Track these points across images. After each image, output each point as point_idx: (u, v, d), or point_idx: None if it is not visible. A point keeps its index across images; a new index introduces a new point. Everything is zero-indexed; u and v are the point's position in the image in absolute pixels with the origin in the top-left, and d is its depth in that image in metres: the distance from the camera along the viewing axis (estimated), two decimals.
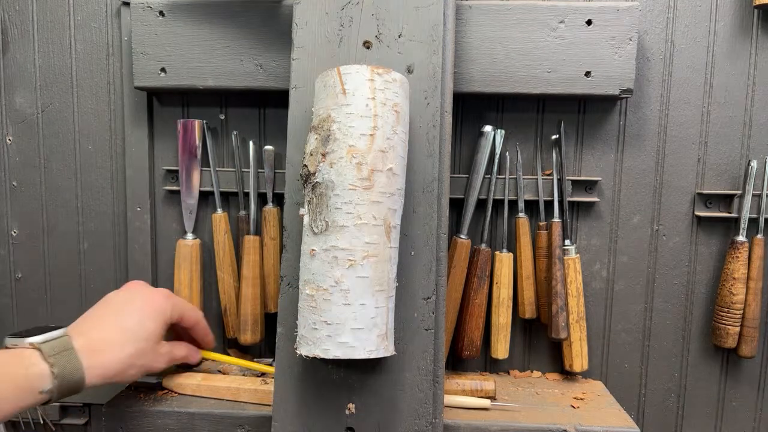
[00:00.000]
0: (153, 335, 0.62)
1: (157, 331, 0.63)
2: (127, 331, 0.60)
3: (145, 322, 0.62)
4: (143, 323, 0.62)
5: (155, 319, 0.63)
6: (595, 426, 0.67)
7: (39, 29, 0.83)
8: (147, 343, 0.61)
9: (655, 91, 0.78)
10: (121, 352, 0.59)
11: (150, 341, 0.62)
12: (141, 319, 0.62)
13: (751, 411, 0.82)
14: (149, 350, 0.62)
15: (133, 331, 0.61)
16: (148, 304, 0.64)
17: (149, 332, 0.62)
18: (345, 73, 0.53)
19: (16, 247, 0.86)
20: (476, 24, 0.73)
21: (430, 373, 0.61)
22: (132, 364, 0.60)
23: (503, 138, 0.78)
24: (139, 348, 0.60)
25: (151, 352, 0.62)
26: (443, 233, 0.63)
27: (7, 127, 0.85)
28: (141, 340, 0.61)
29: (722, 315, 0.77)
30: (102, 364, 0.57)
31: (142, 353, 0.61)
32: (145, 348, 0.61)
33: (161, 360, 0.65)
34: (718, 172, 0.79)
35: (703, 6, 0.77)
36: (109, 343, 0.59)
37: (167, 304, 0.65)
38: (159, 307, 0.64)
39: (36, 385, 0.53)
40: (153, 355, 0.63)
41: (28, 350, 0.54)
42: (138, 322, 0.61)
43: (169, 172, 0.82)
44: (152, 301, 0.64)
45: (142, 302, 0.64)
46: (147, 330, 0.62)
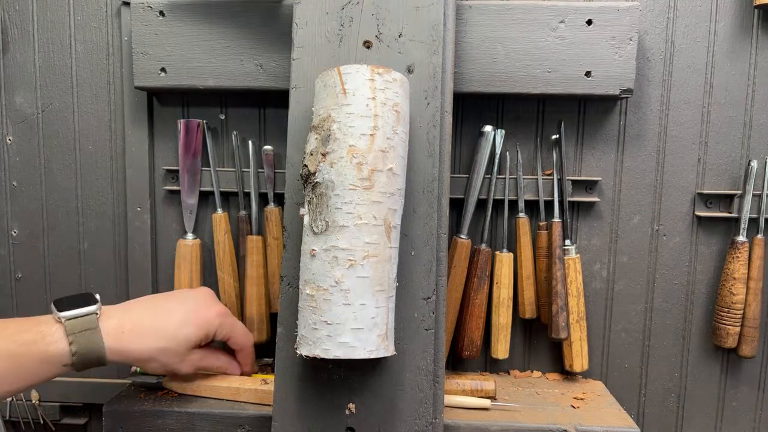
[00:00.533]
0: (186, 341, 0.63)
1: (193, 339, 0.64)
2: (162, 329, 0.62)
3: (183, 328, 0.63)
4: (181, 328, 0.63)
5: (196, 329, 0.64)
6: (595, 426, 0.67)
7: (39, 29, 0.83)
8: (177, 346, 0.63)
9: (656, 91, 0.78)
10: (145, 345, 0.60)
11: (181, 345, 0.63)
12: (181, 323, 0.63)
13: (751, 411, 0.82)
14: (177, 353, 0.63)
15: (167, 331, 0.62)
16: (195, 313, 0.65)
17: (183, 337, 0.63)
18: (345, 73, 0.53)
19: (16, 247, 0.86)
20: (476, 24, 0.73)
21: (430, 373, 0.61)
22: (154, 358, 0.62)
23: (503, 138, 0.78)
24: (167, 348, 0.62)
25: (178, 355, 0.63)
26: (443, 233, 0.63)
27: (7, 127, 0.85)
28: (171, 341, 0.62)
29: (722, 315, 0.77)
30: (124, 350, 0.59)
31: (169, 353, 0.62)
32: (173, 349, 0.62)
33: (187, 365, 0.66)
34: (719, 172, 0.79)
35: (704, 6, 0.77)
36: (138, 334, 0.60)
37: (216, 321, 0.66)
38: (205, 321, 0.65)
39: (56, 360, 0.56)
40: (180, 358, 0.64)
41: (54, 325, 0.57)
42: (177, 325, 0.63)
43: (169, 172, 0.82)
44: (202, 312, 0.65)
45: (192, 309, 0.65)
46: (182, 335, 0.63)
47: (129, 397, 0.73)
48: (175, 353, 0.63)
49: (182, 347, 0.63)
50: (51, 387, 0.86)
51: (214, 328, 0.66)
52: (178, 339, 0.62)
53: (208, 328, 0.65)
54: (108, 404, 0.71)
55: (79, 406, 0.87)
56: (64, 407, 0.87)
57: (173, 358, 0.63)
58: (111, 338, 0.58)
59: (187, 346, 0.64)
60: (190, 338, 0.64)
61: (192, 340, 0.64)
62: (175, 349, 0.63)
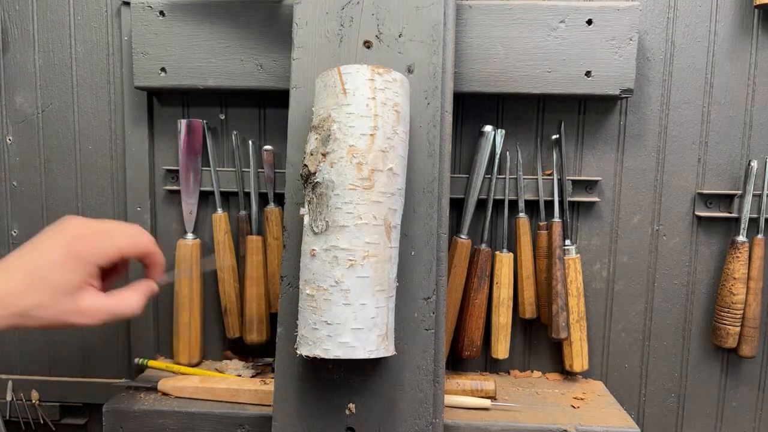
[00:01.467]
0: (61, 287, 0.52)
1: (70, 282, 0.53)
2: (28, 279, 0.52)
3: (52, 273, 0.52)
4: (49, 274, 0.52)
5: (70, 269, 0.53)
6: (596, 426, 0.67)
7: (39, 29, 0.83)
8: (52, 297, 0.52)
9: (656, 91, 0.78)
10: (14, 305, 0.51)
11: (58, 294, 0.52)
12: (48, 267, 0.52)
13: (751, 411, 0.82)
14: (56, 304, 0.52)
15: (35, 281, 0.52)
16: (61, 250, 0.53)
17: (55, 284, 0.52)
18: (345, 73, 0.53)
19: (16, 247, 0.86)
20: (476, 24, 0.73)
21: (430, 373, 0.61)
22: (29, 315, 0.51)
23: (503, 138, 0.78)
24: (39, 302, 0.51)
25: (58, 305, 0.52)
26: (443, 233, 0.63)
27: (7, 127, 0.85)
28: (43, 292, 0.52)
29: (722, 315, 0.77)
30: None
31: (44, 307, 0.52)
32: (48, 302, 0.52)
33: (84, 316, 0.54)
34: (719, 172, 0.79)
35: (704, 6, 0.77)
36: (5, 294, 0.51)
37: (93, 248, 0.54)
38: (77, 253, 0.53)
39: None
40: (63, 308, 0.52)
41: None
42: (43, 271, 0.52)
43: (169, 172, 0.82)
44: (69, 246, 0.54)
45: (58, 247, 0.54)
46: (52, 281, 0.52)
47: (129, 397, 0.73)
48: (54, 305, 0.52)
49: (60, 296, 0.52)
50: (51, 387, 0.86)
51: (95, 257, 0.54)
52: (50, 289, 0.52)
53: (86, 260, 0.53)
54: (108, 404, 0.71)
55: (79, 406, 0.87)
56: (64, 407, 0.87)
57: (54, 310, 0.52)
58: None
59: (68, 292, 0.53)
60: (68, 282, 0.53)
61: (72, 283, 0.53)
62: (52, 301, 0.52)
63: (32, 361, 0.88)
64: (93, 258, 0.54)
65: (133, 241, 0.58)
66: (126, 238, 0.58)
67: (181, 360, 0.81)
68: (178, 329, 0.81)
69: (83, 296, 0.53)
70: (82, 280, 0.53)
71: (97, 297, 0.55)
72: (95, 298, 0.54)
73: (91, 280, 0.54)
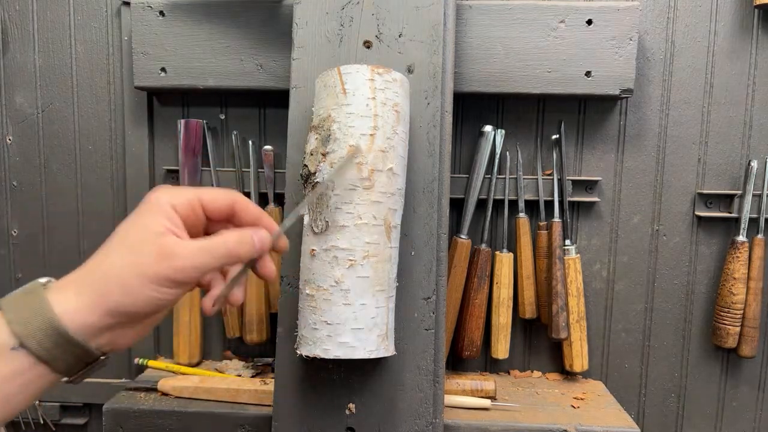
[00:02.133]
0: (136, 242, 0.42)
1: (145, 231, 0.42)
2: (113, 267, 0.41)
3: (121, 242, 0.42)
4: (118, 245, 0.42)
5: (142, 222, 0.42)
6: (595, 426, 0.67)
7: (39, 29, 0.83)
8: (130, 259, 0.41)
9: (656, 91, 0.78)
10: (96, 274, 0.41)
11: (135, 252, 0.41)
12: (117, 242, 0.42)
13: (751, 411, 0.82)
14: (136, 261, 0.41)
15: (112, 246, 0.42)
16: (127, 222, 0.43)
17: (127, 244, 0.42)
18: (345, 73, 0.53)
19: (16, 247, 0.86)
20: (476, 24, 0.73)
21: (430, 373, 0.61)
22: (120, 303, 0.41)
23: (503, 138, 0.78)
24: (118, 272, 0.41)
25: (140, 263, 0.41)
26: (443, 233, 0.63)
27: (7, 127, 0.85)
28: (119, 256, 0.41)
29: (722, 315, 0.77)
30: (78, 306, 0.40)
31: (125, 274, 0.41)
32: (128, 267, 0.41)
33: (177, 257, 0.41)
34: (719, 172, 0.79)
35: (703, 6, 0.77)
36: (83, 269, 0.42)
37: (162, 193, 0.43)
38: (148, 203, 0.43)
39: (4, 345, 0.39)
40: (147, 260, 0.41)
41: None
42: (112, 247, 0.42)
43: (169, 172, 0.82)
44: (137, 212, 0.43)
45: (124, 223, 0.43)
46: (125, 245, 0.42)
47: (129, 397, 0.73)
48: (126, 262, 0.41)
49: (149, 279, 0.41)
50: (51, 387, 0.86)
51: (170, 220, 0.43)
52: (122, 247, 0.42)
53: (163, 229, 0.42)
54: (108, 404, 0.71)
55: (79, 406, 0.87)
56: (64, 407, 0.87)
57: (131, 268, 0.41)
58: (60, 302, 0.40)
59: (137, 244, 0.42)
60: (136, 235, 0.42)
61: (139, 234, 0.42)
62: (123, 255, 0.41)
63: None
64: (166, 198, 0.43)
65: (214, 191, 0.45)
66: (204, 192, 0.45)
67: (181, 360, 0.81)
68: (178, 329, 0.81)
69: (166, 239, 0.42)
70: (161, 225, 0.42)
71: (186, 239, 0.43)
72: (183, 240, 0.42)
73: (175, 228, 0.43)
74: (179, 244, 0.41)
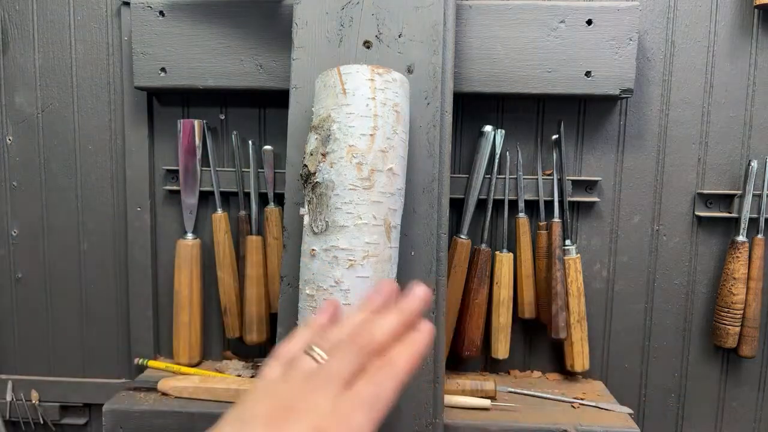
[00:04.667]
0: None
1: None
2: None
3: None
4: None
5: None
6: (595, 426, 0.67)
7: (39, 29, 0.83)
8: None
9: (656, 91, 0.78)
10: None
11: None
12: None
13: (751, 411, 0.82)
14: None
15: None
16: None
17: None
18: (345, 73, 0.53)
19: (16, 247, 0.86)
20: (476, 24, 0.73)
21: (430, 373, 0.61)
22: None
23: (503, 138, 0.77)
24: None
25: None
26: (443, 233, 0.63)
27: (7, 127, 0.85)
28: None
29: (722, 315, 0.77)
30: None
31: None
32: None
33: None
34: (719, 172, 0.79)
35: (703, 6, 0.77)
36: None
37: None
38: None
39: None
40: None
41: None
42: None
43: (169, 172, 0.82)
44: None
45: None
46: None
47: (129, 397, 0.73)
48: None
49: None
50: (51, 387, 0.86)
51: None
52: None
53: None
54: (108, 404, 0.71)
55: (79, 406, 0.87)
56: (64, 407, 0.87)
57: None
58: None
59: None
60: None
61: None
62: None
63: (32, 361, 0.88)
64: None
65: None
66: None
67: (181, 360, 0.81)
68: (178, 329, 0.81)
69: None
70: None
71: None
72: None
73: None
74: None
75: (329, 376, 0.33)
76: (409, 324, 0.38)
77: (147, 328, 0.83)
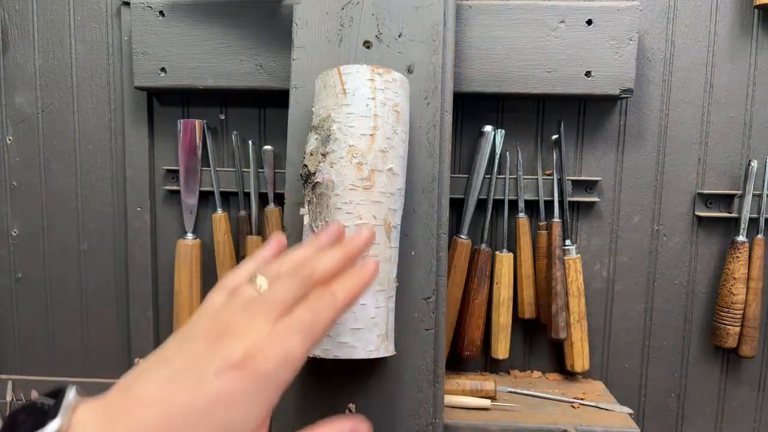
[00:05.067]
0: None
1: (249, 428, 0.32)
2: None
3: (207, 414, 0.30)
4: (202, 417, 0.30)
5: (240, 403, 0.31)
6: (595, 426, 0.67)
7: (39, 29, 0.83)
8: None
9: (656, 91, 0.78)
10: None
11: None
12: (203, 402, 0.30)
13: (751, 411, 0.82)
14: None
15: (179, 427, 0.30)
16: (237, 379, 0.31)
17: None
18: (345, 73, 0.53)
19: (16, 247, 0.86)
20: (476, 24, 0.73)
21: (430, 373, 0.61)
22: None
23: (503, 138, 0.77)
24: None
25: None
26: (443, 233, 0.63)
27: (7, 127, 0.85)
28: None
29: (722, 315, 0.77)
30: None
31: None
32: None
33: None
34: (719, 172, 0.79)
35: (703, 6, 0.77)
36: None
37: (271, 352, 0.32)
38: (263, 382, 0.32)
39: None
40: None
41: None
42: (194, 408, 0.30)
43: (169, 172, 0.82)
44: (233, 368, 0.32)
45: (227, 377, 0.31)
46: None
47: None
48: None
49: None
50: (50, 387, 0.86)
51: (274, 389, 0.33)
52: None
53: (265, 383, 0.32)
54: None
55: None
56: None
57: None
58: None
59: None
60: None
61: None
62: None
63: (32, 361, 0.88)
64: (277, 377, 0.33)
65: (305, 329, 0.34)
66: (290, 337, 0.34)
67: None
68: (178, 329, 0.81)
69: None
70: (258, 419, 0.33)
71: None
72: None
73: (267, 416, 0.34)
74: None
75: (268, 302, 0.35)
76: (352, 260, 0.41)
77: (147, 328, 0.83)
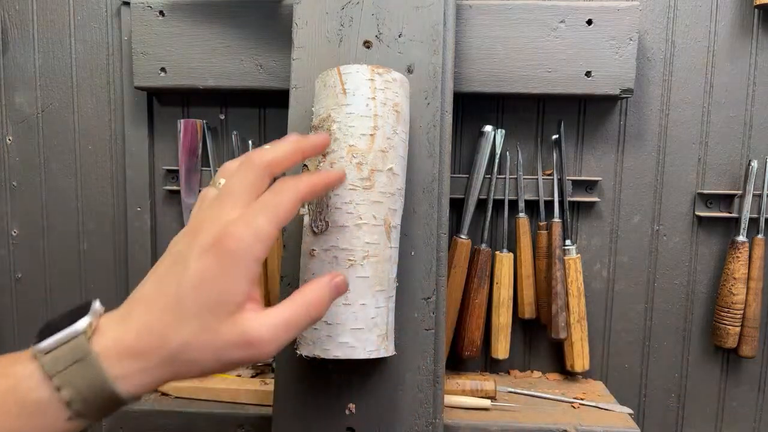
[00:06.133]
0: (213, 310, 0.36)
1: (226, 300, 0.36)
2: (168, 309, 0.36)
3: (197, 292, 0.36)
4: (193, 294, 0.36)
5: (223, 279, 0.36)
6: (595, 426, 0.67)
7: (39, 29, 0.83)
8: (203, 328, 0.36)
9: (656, 91, 0.78)
10: (158, 347, 0.35)
11: (210, 322, 0.36)
12: (191, 284, 0.36)
13: (751, 411, 0.82)
14: (211, 338, 0.36)
15: (176, 310, 0.36)
16: (204, 255, 0.36)
17: (205, 306, 0.36)
18: (345, 73, 0.53)
19: (16, 247, 0.86)
20: (476, 24, 0.73)
21: (430, 373, 0.61)
22: (178, 359, 0.35)
23: (503, 138, 0.78)
24: (187, 338, 0.35)
25: (214, 340, 0.36)
26: (443, 233, 0.63)
27: (7, 127, 0.85)
28: (189, 323, 0.35)
29: (722, 315, 0.77)
30: (139, 371, 0.35)
31: (196, 346, 0.36)
32: (200, 338, 0.36)
33: (254, 347, 0.36)
34: (719, 172, 0.79)
35: (704, 6, 0.77)
36: (147, 335, 0.35)
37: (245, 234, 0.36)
38: (227, 251, 0.36)
39: (48, 412, 0.34)
40: (222, 341, 0.36)
41: (29, 364, 0.35)
42: (185, 291, 0.36)
43: (169, 172, 0.82)
44: (214, 247, 0.36)
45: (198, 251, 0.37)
46: (200, 303, 0.36)
47: None
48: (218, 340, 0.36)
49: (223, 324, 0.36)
50: None
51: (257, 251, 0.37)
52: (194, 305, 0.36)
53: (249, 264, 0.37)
54: None
55: None
56: None
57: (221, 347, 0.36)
58: (114, 364, 0.34)
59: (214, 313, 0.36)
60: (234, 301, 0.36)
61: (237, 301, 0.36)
62: (216, 335, 0.36)
63: None
64: (252, 253, 0.37)
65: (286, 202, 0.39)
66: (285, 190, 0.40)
67: None
68: None
69: (247, 318, 0.37)
70: (241, 293, 0.37)
71: (266, 314, 0.38)
72: (264, 316, 0.37)
73: (254, 291, 0.38)
74: (263, 326, 0.37)
75: (230, 192, 0.39)
76: (303, 153, 0.44)
77: None
